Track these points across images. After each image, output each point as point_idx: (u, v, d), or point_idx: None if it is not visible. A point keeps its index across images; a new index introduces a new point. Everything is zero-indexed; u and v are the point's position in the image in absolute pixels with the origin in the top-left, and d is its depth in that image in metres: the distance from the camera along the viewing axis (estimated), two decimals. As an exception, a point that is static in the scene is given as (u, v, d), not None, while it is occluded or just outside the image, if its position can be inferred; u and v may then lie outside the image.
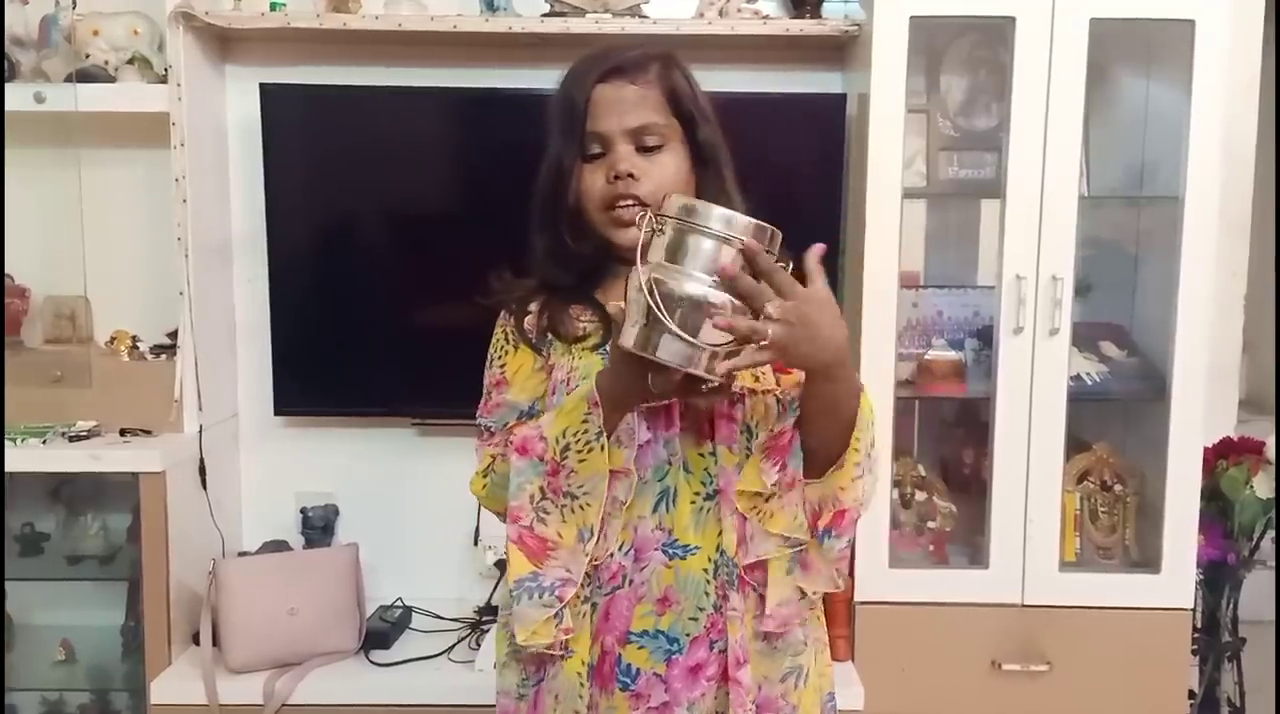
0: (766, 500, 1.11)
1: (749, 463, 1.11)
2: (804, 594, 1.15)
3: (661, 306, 0.96)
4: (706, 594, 1.12)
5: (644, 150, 1.13)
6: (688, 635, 1.12)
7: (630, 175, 1.12)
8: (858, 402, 1.08)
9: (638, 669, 1.11)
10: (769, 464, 1.09)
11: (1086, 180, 1.99)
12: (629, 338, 0.99)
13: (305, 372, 2.16)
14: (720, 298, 0.97)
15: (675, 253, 0.99)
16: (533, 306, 1.20)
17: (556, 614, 1.09)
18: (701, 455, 1.13)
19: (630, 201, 1.12)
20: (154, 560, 1.93)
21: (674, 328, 0.96)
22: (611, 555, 1.11)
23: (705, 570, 1.12)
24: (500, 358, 1.22)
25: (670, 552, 1.11)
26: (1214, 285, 1.91)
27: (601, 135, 1.13)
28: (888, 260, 1.89)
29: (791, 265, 1.00)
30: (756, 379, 1.14)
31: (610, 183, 1.13)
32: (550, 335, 1.18)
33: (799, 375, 1.08)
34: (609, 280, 1.19)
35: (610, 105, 1.13)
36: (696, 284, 0.97)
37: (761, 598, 1.13)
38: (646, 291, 0.97)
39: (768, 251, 0.99)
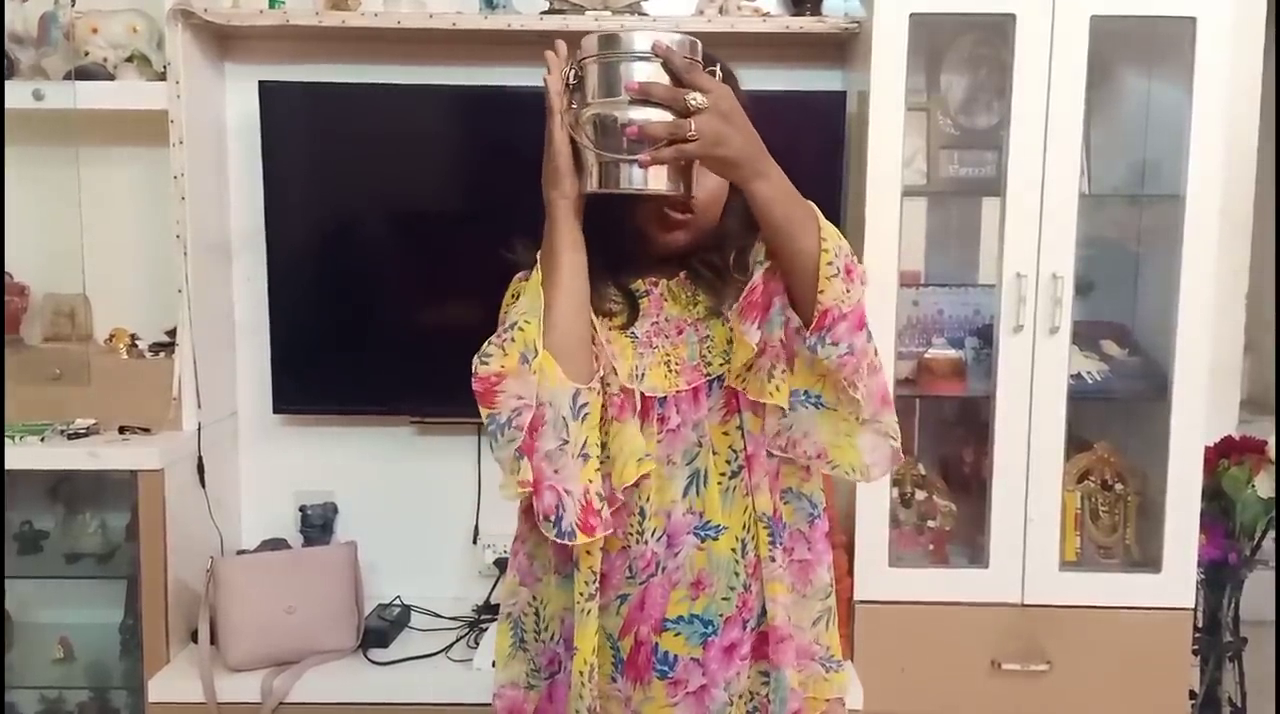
0: (748, 370, 1.11)
1: (735, 337, 1.10)
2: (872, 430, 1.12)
3: (595, 143, 1.01)
4: (736, 573, 1.13)
5: None
6: (721, 616, 1.13)
7: None
8: (809, 209, 1.06)
9: (675, 656, 1.12)
10: (748, 323, 1.08)
11: (1087, 178, 1.98)
12: (589, 182, 1.03)
13: (304, 370, 2.16)
14: (643, 113, 0.99)
15: (601, 87, 1.02)
16: None
17: (518, 453, 1.06)
18: (726, 433, 1.14)
19: (680, 212, 1.12)
20: (152, 558, 1.93)
21: (609, 155, 1.00)
22: (646, 544, 1.12)
23: (734, 550, 1.13)
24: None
25: (702, 534, 1.13)
26: (1215, 284, 1.90)
27: None
28: (888, 258, 1.89)
29: (719, 72, 1.03)
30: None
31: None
32: None
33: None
34: (634, 269, 1.18)
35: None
36: (620, 109, 1.00)
37: (785, 549, 1.15)
38: (580, 132, 1.01)
39: (690, 59, 1.01)
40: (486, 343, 1.09)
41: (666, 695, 1.12)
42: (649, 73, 1.00)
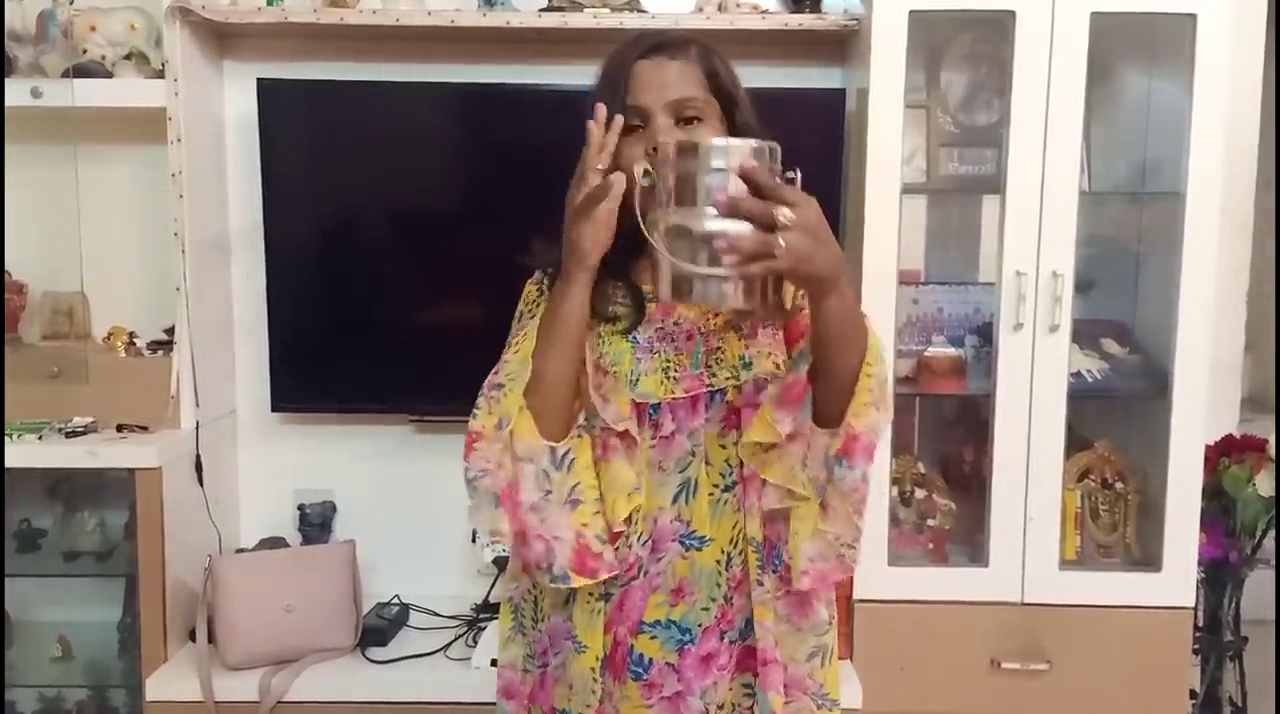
0: (767, 450, 1.11)
1: (758, 414, 1.10)
2: (838, 552, 1.13)
3: (671, 251, 0.97)
4: (718, 585, 1.13)
5: (684, 123, 1.12)
6: (700, 625, 1.13)
7: None
8: (865, 327, 1.06)
9: (650, 659, 1.13)
10: (782, 413, 1.08)
11: (1088, 176, 1.98)
12: (662, 291, 1.01)
13: (303, 368, 2.15)
14: (726, 226, 0.96)
15: (681, 197, 0.99)
16: None
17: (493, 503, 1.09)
18: (724, 446, 1.13)
19: None
20: (150, 557, 1.93)
21: (694, 269, 0.96)
22: (630, 547, 1.12)
23: (718, 562, 1.13)
24: (532, 313, 1.18)
25: (687, 543, 1.13)
26: (1216, 282, 1.89)
27: (642, 109, 1.12)
28: (887, 256, 1.88)
29: (798, 176, 1.00)
30: (778, 367, 1.13)
31: (649, 155, 1.11)
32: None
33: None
34: (644, 261, 1.16)
35: (651, 79, 1.12)
36: (701, 221, 0.97)
37: (781, 578, 1.13)
38: (658, 241, 0.98)
39: (771, 169, 0.99)
40: (481, 392, 1.11)
41: (641, 697, 1.13)
42: (734, 183, 0.97)
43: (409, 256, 2.15)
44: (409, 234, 2.15)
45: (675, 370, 1.13)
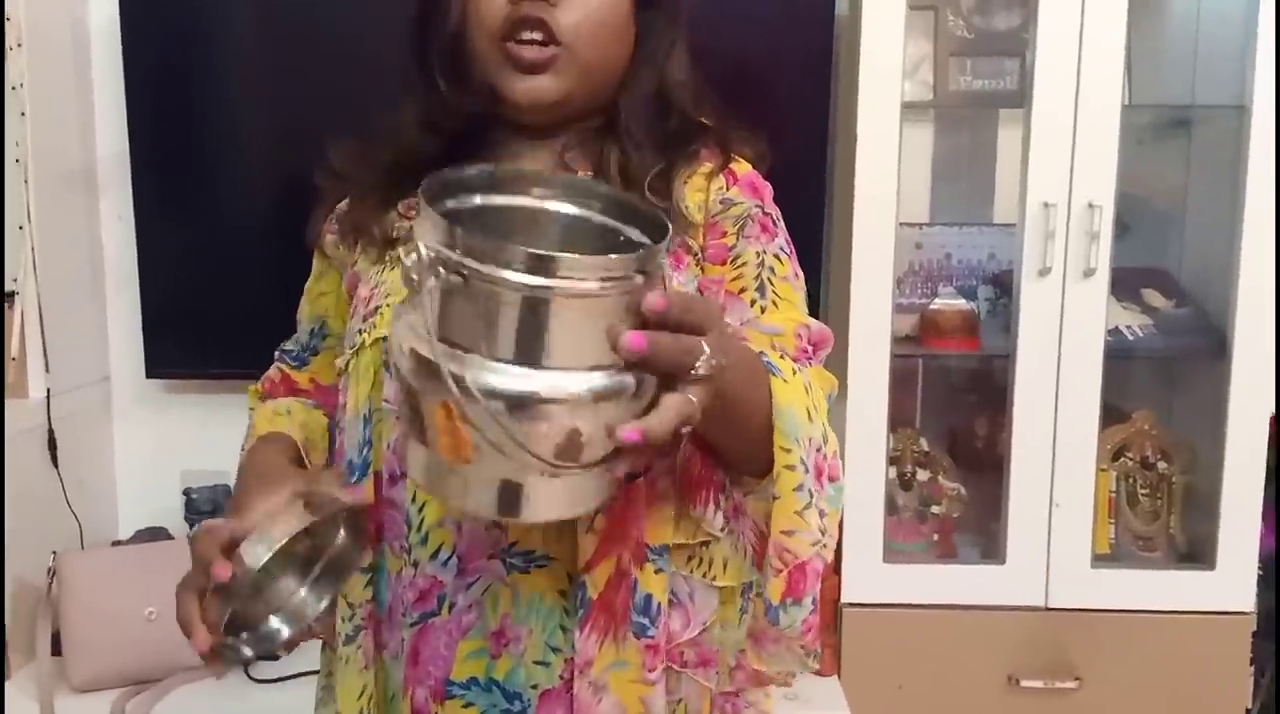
0: (706, 545, 0.79)
1: (660, 509, 0.77)
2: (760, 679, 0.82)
3: (513, 440, 0.58)
4: (562, 628, 0.77)
5: None
6: (535, 688, 0.78)
7: None
8: (766, 388, 0.71)
9: None
10: (701, 509, 0.77)
11: (1128, 89, 1.72)
12: (468, 503, 0.64)
13: (183, 327, 1.85)
14: (595, 405, 0.59)
15: (498, 333, 0.59)
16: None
17: None
18: None
19: (537, 34, 0.78)
20: (-19, 553, 1.60)
21: (556, 464, 0.59)
22: (417, 566, 0.78)
23: (561, 593, 0.77)
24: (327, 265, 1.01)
25: (510, 562, 0.77)
26: (1285, 217, 1.66)
27: None
28: (885, 191, 1.66)
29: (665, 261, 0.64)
30: None
31: (513, 2, 0.78)
32: (356, 238, 0.88)
33: None
34: (485, 153, 0.85)
35: None
36: (573, 379, 0.59)
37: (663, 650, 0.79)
38: (480, 424, 0.58)
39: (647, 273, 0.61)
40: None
41: None
42: (585, 315, 0.59)
43: (306, 190, 1.83)
44: (306, 164, 1.82)
45: None
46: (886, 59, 1.63)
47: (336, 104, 1.79)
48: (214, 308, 1.85)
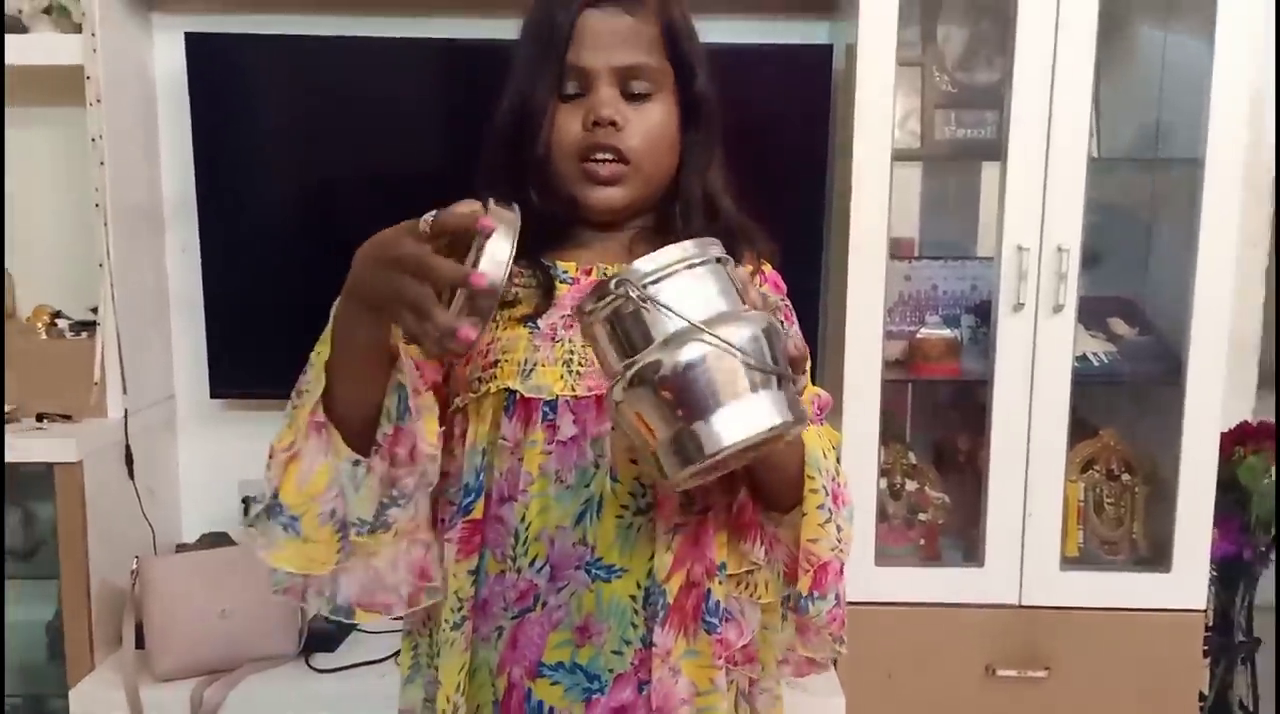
0: (750, 573, 0.97)
1: (716, 539, 0.96)
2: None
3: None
4: (634, 625, 0.94)
5: (630, 98, 0.95)
6: (611, 672, 0.95)
7: (613, 123, 0.94)
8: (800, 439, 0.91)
9: (551, 708, 0.95)
10: (749, 545, 0.95)
11: (1096, 141, 1.84)
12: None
13: (243, 350, 1.99)
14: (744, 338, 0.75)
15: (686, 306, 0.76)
16: None
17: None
18: (634, 460, 0.93)
19: (609, 155, 0.95)
20: (72, 557, 1.77)
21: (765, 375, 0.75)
22: (519, 572, 0.95)
23: (633, 598, 0.94)
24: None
25: (594, 572, 0.94)
26: (1235, 257, 1.74)
27: (584, 71, 0.94)
28: (877, 228, 1.75)
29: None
30: None
31: (588, 129, 0.94)
32: None
33: None
34: (568, 247, 1.01)
35: (598, 37, 0.94)
36: (745, 323, 0.76)
37: (720, 640, 0.97)
38: (714, 353, 0.73)
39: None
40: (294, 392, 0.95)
41: None
42: (738, 282, 0.80)
43: (355, 227, 1.97)
44: (357, 202, 1.97)
45: (580, 363, 0.94)
46: (878, 111, 1.71)
47: (377, 149, 1.97)
48: (270, 334, 1.95)
